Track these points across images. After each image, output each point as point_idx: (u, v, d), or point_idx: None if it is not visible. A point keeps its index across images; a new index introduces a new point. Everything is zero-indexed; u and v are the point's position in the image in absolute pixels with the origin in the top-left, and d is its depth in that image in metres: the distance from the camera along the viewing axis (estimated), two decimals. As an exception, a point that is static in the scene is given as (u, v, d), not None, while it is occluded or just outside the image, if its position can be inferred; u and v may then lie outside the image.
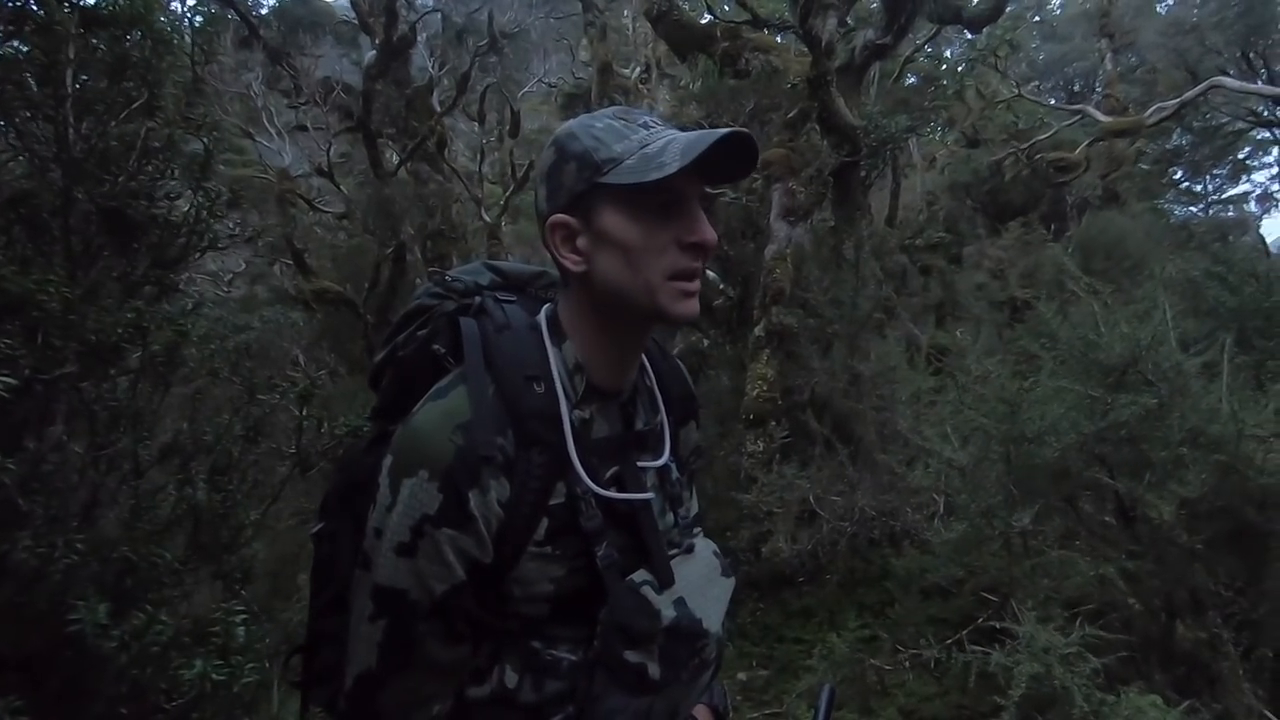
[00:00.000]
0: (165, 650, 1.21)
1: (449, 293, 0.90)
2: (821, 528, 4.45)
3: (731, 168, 0.83)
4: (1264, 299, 3.84)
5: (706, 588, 0.87)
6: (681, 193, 0.79)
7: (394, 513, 0.75)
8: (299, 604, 3.33)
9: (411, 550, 0.75)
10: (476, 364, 0.80)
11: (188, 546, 1.53)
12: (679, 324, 0.85)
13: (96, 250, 1.52)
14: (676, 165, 0.74)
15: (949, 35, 10.88)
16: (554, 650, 0.79)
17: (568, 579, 0.80)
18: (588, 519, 0.79)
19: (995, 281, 7.99)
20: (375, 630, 0.77)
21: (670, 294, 0.79)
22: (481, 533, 0.75)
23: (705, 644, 0.84)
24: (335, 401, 5.77)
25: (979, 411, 3.18)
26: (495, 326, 0.83)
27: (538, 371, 0.80)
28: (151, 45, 1.71)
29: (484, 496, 0.75)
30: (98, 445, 1.55)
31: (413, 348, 0.88)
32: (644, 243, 0.79)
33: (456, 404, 0.77)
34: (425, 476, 0.74)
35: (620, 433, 0.87)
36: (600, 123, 0.82)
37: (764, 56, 6.55)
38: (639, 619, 0.78)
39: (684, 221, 0.79)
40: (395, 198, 7.80)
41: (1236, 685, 2.52)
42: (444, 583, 0.75)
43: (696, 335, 7.26)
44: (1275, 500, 2.59)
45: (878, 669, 3.43)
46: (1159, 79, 12.76)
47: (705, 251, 0.81)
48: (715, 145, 0.75)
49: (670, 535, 0.89)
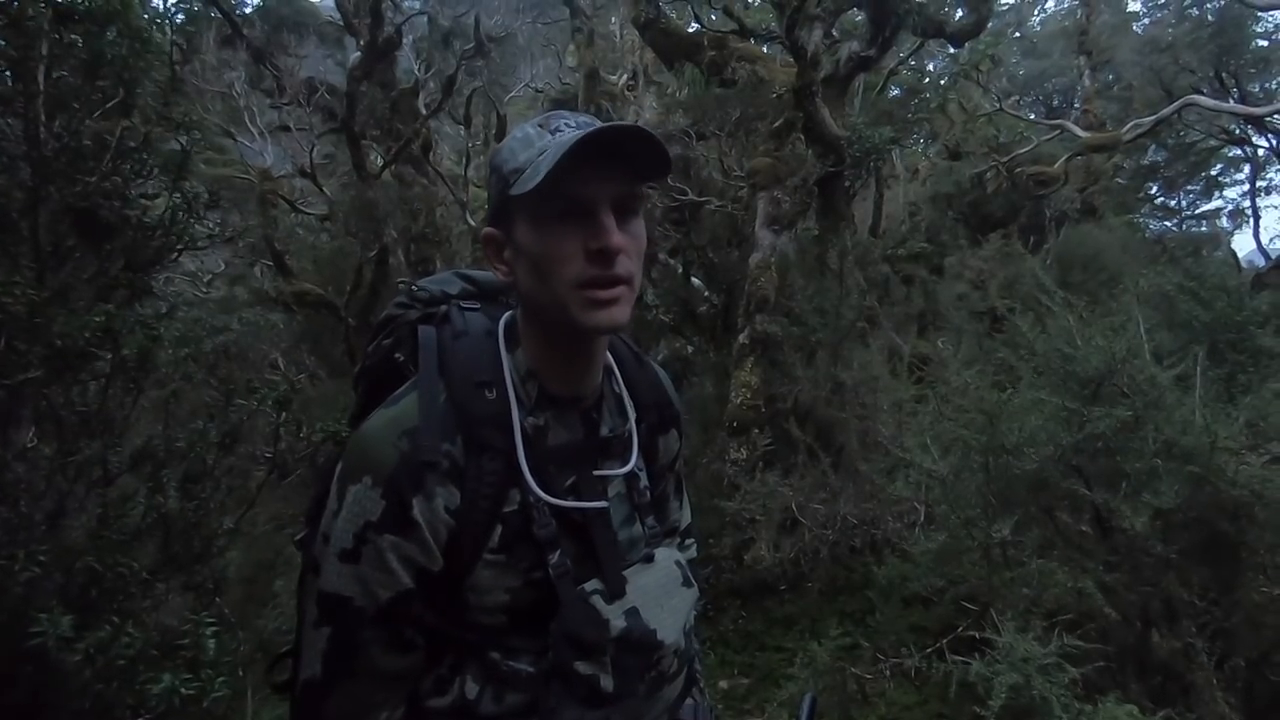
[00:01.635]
0: (132, 664, 1.17)
1: (414, 302, 0.91)
2: (804, 535, 4.47)
3: (638, 164, 0.77)
4: (1235, 313, 3.93)
5: (664, 598, 0.85)
6: (579, 198, 0.75)
7: (339, 519, 0.75)
8: (275, 611, 3.27)
9: (355, 556, 0.74)
10: (430, 370, 0.80)
11: (158, 556, 1.49)
12: (597, 334, 0.80)
13: (67, 251, 1.48)
14: (543, 172, 0.72)
15: (932, 49, 11.04)
16: (513, 662, 0.79)
17: (523, 590, 0.79)
18: (540, 526, 0.79)
19: (976, 292, 8.08)
20: (320, 638, 0.76)
21: (580, 303, 0.76)
22: (426, 540, 0.74)
23: (661, 655, 0.82)
24: (315, 405, 5.70)
25: (959, 422, 3.21)
26: (453, 334, 0.83)
27: (490, 378, 0.80)
28: (129, 42, 1.67)
29: (429, 503, 0.74)
30: (66, 451, 1.50)
31: (377, 357, 0.90)
32: (549, 252, 0.76)
33: (405, 410, 0.77)
34: (369, 483, 0.74)
35: (580, 440, 0.85)
36: (520, 133, 0.81)
37: (750, 66, 6.60)
38: (587, 629, 0.78)
39: (590, 227, 0.75)
40: (379, 200, 7.73)
41: (1210, 695, 2.56)
42: (388, 590, 0.74)
43: (680, 342, 7.27)
44: (1247, 511, 2.63)
45: (859, 678, 3.44)
46: (1135, 96, 13.03)
47: (609, 258, 0.75)
48: (578, 148, 0.71)
49: (635, 545, 0.88)
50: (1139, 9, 15.68)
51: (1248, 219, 14.94)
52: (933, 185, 10.43)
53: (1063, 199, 9.95)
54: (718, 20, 7.55)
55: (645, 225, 0.83)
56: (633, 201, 0.79)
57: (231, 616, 2.29)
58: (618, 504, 0.88)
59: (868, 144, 6.16)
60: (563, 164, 0.72)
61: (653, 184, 0.87)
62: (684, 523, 1.08)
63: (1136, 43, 13.31)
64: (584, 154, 0.72)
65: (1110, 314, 3.44)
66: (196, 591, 1.56)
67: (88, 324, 1.29)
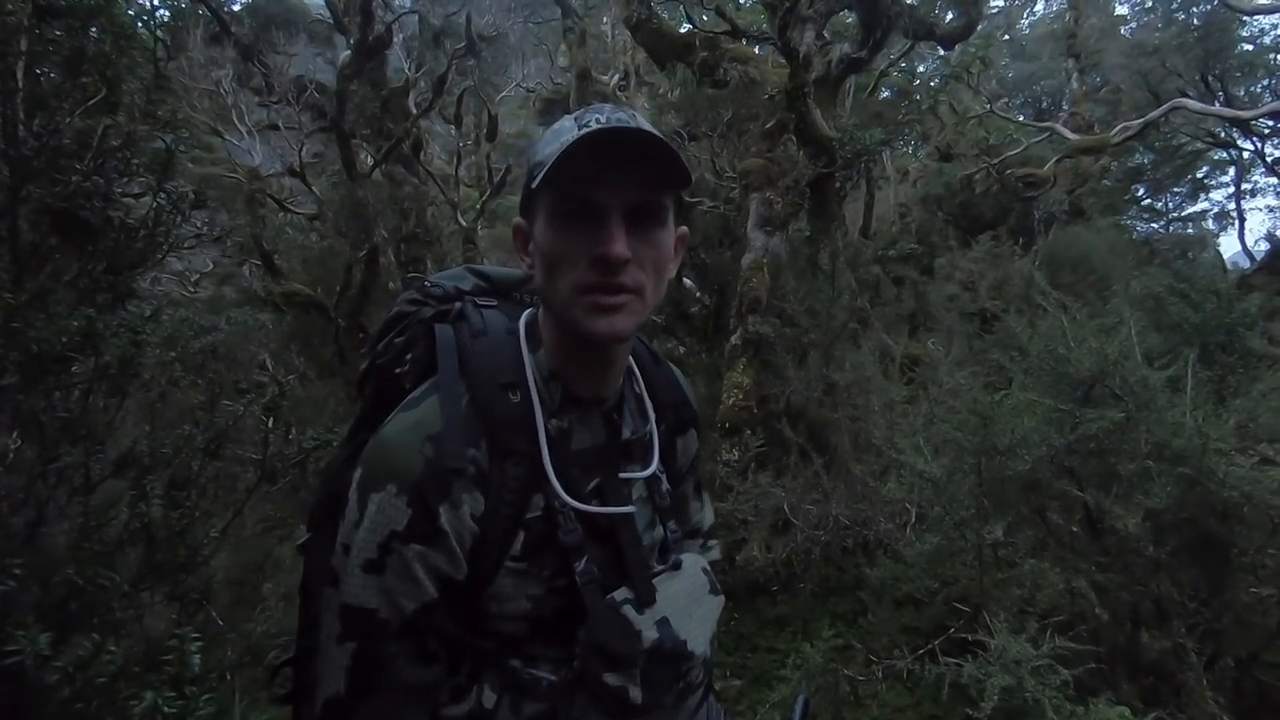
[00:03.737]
0: (113, 681, 1.13)
1: (427, 298, 0.87)
2: (796, 536, 4.46)
3: (661, 171, 0.74)
4: (1225, 315, 3.95)
5: (692, 607, 0.82)
6: (590, 200, 0.72)
7: (361, 529, 0.72)
8: (264, 614, 3.23)
9: (380, 568, 0.71)
10: (450, 372, 0.77)
11: (141, 566, 1.45)
12: (596, 341, 0.76)
13: (47, 253, 1.44)
14: (547, 171, 0.70)
15: (923, 51, 11.08)
16: (534, 670, 0.76)
17: (546, 599, 0.76)
18: (566, 533, 0.76)
19: (966, 293, 8.12)
20: (343, 653, 0.73)
21: (582, 308, 0.74)
22: (453, 548, 0.72)
23: (690, 666, 0.80)
24: (305, 406, 5.65)
25: (951, 423, 3.22)
26: (472, 333, 0.80)
27: (513, 379, 0.77)
28: (112, 39, 1.64)
29: (455, 511, 0.72)
30: (46, 458, 1.47)
31: (389, 356, 0.86)
32: (560, 251, 0.74)
33: (427, 414, 0.74)
34: (393, 491, 0.71)
35: (604, 442, 0.83)
36: (558, 123, 0.78)
37: (742, 67, 6.60)
38: (619, 640, 0.75)
39: (598, 232, 0.72)
40: (369, 200, 7.67)
41: (1200, 695, 2.57)
42: (414, 601, 0.72)
43: (673, 342, 7.26)
44: (1237, 512, 2.65)
45: (851, 679, 3.43)
46: (1123, 99, 13.16)
47: (612, 266, 0.72)
48: (580, 145, 0.68)
49: (657, 549, 0.86)
50: (1126, 13, 15.85)
51: (1233, 221, 15.13)
52: (923, 187, 10.49)
53: (1052, 201, 10.03)
54: (710, 21, 7.54)
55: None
56: (656, 209, 0.75)
57: (219, 620, 2.26)
58: (640, 507, 0.85)
59: (859, 145, 6.17)
60: (565, 160, 0.69)
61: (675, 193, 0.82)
62: (706, 524, 1.06)
63: (1124, 46, 13.44)
64: (594, 153, 0.69)
65: (1100, 315, 3.45)
66: (182, 602, 1.52)
67: (66, 329, 1.25)
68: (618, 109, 0.78)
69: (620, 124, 0.72)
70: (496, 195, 10.06)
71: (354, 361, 7.02)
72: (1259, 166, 12.87)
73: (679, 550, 0.88)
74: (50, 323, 1.27)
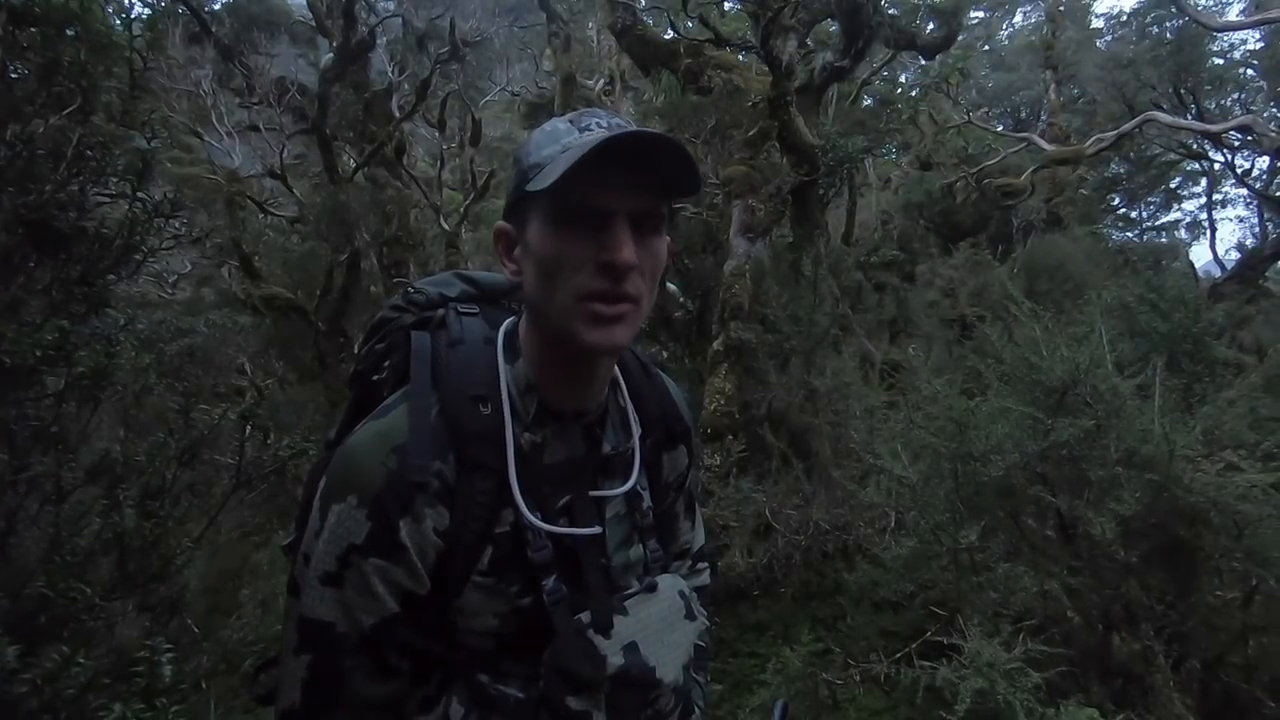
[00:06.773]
0: (82, 693, 1.12)
1: (409, 305, 0.86)
2: (777, 541, 4.48)
3: (666, 178, 0.72)
4: (1192, 324, 4.05)
5: (665, 632, 0.80)
6: (596, 206, 0.70)
7: (321, 539, 0.71)
8: (241, 621, 3.18)
9: (338, 581, 0.70)
10: (422, 382, 0.75)
11: (113, 576, 1.44)
12: (595, 353, 0.74)
13: (19, 263, 1.42)
14: (559, 172, 0.67)
15: (904, 61, 11.24)
16: (501, 685, 0.75)
17: (513, 616, 0.75)
18: (535, 550, 0.74)
19: (946, 299, 8.24)
20: (300, 665, 0.72)
21: (583, 317, 0.71)
22: (414, 563, 0.71)
23: (659, 694, 0.78)
24: (284, 411, 5.59)
25: (929, 430, 3.26)
26: (449, 341, 0.78)
27: (485, 391, 0.75)
28: (88, 46, 1.62)
29: (417, 525, 0.70)
30: (16, 466, 1.45)
31: (369, 362, 0.85)
32: (560, 256, 0.71)
33: (395, 424, 0.73)
34: (354, 503, 0.70)
35: (580, 457, 0.81)
36: (550, 125, 0.77)
37: (726, 74, 6.65)
38: (582, 664, 0.73)
39: (603, 238, 0.70)
40: (351, 203, 7.62)
41: (1167, 696, 2.62)
42: (373, 615, 0.71)
43: (655, 348, 7.28)
44: (1203, 517, 2.71)
45: (830, 683, 3.46)
46: (1098, 110, 13.43)
47: (619, 274, 0.70)
48: (598, 151, 0.66)
49: (634, 568, 0.84)
50: (1102, 26, 16.17)
51: (1204, 230, 15.49)
52: (904, 194, 10.62)
53: (1029, 209, 10.21)
54: (694, 29, 7.59)
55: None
56: (656, 218, 0.74)
57: (195, 628, 2.23)
58: (616, 525, 0.83)
59: (841, 153, 6.25)
60: (581, 166, 0.66)
61: (681, 202, 0.80)
62: (696, 545, 1.02)
63: (1100, 58, 13.70)
64: (607, 159, 0.67)
65: (1075, 324, 3.52)
66: (153, 613, 1.50)
67: (40, 341, 1.24)
68: (612, 114, 0.77)
69: (623, 129, 0.71)
70: (480, 199, 10.03)
71: (334, 366, 6.96)
72: (1230, 178, 13.19)
73: (661, 571, 0.86)
74: (23, 334, 1.25)
